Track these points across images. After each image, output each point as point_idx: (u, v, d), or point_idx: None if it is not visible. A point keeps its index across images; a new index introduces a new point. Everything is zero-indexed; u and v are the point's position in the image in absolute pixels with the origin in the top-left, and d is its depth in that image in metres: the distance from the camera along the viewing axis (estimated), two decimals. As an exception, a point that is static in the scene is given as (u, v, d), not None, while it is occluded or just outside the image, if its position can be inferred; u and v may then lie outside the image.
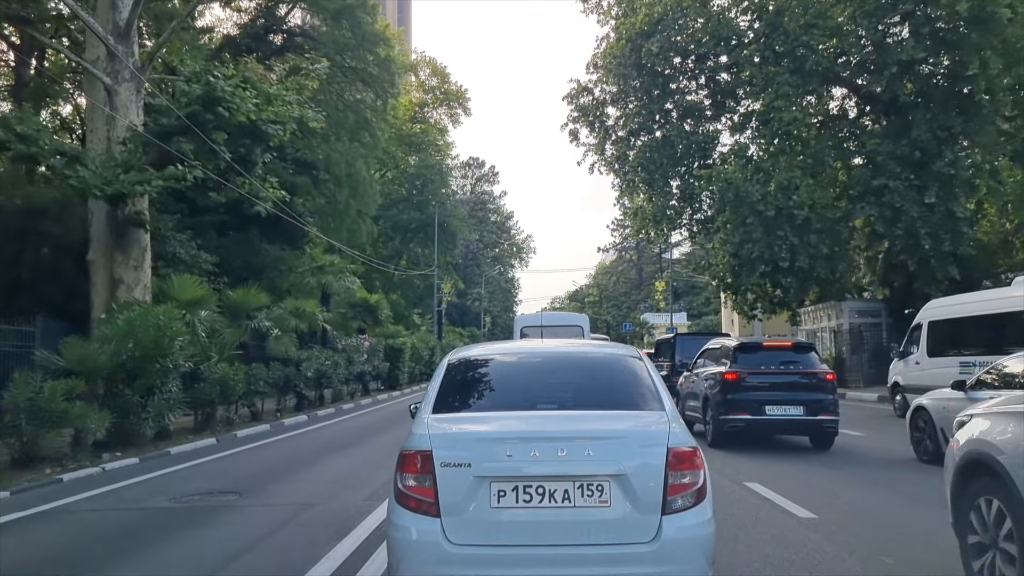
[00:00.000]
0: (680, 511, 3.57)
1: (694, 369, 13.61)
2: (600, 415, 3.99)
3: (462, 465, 3.58)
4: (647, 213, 29.25)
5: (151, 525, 6.94)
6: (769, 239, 24.19)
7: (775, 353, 12.00)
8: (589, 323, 29.50)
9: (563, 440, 3.64)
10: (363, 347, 23.60)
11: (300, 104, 18.83)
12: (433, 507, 3.57)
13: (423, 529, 3.57)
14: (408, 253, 50.42)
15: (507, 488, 3.54)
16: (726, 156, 27.27)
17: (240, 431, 14.33)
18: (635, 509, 3.53)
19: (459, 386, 4.43)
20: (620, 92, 28.62)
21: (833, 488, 8.25)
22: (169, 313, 11.51)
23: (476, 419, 4.13)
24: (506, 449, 3.62)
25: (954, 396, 8.96)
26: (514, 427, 3.87)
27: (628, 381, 4.32)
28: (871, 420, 16.72)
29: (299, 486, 8.69)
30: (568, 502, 3.53)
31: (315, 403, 20.67)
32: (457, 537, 3.52)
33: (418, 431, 3.86)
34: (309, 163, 27.51)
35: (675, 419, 3.91)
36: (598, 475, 3.55)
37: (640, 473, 3.57)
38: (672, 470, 3.59)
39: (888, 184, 23.21)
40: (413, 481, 3.66)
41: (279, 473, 9.82)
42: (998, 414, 4.44)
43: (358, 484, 8.66)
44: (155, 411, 11.17)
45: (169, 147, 15.74)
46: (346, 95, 30.68)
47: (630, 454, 3.63)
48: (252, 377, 14.95)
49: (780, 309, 28.60)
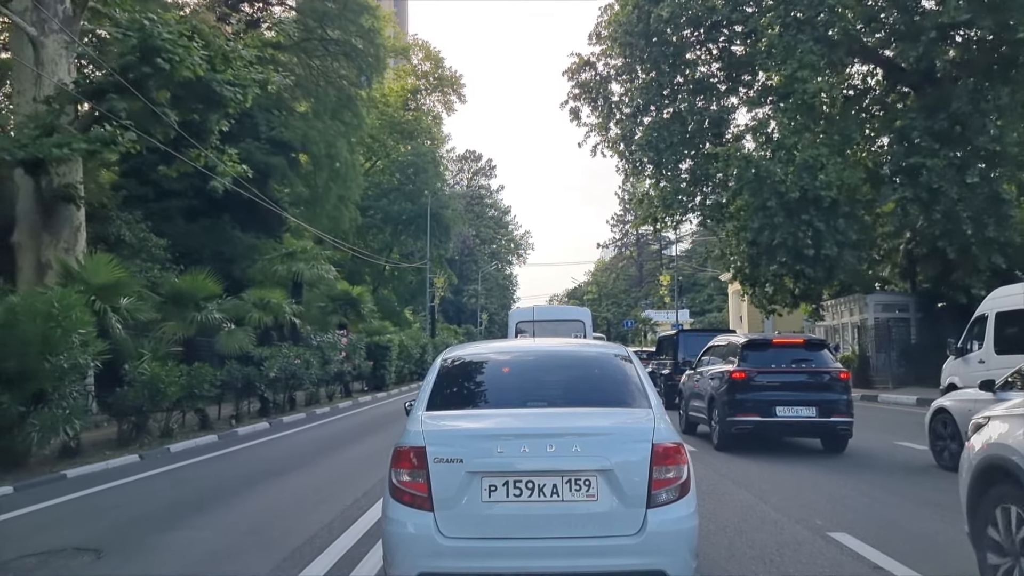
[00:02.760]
0: (664, 504, 3.64)
1: (698, 367, 12.75)
2: (588, 412, 4.07)
3: (454, 461, 3.65)
4: (655, 198, 26.82)
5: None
6: (792, 224, 21.81)
7: (786, 351, 11.23)
8: (591, 317, 27.03)
9: (552, 437, 3.71)
10: (340, 344, 21.15)
11: (264, 65, 16.43)
12: (427, 501, 3.63)
13: (417, 523, 3.62)
14: (399, 246, 47.89)
15: (498, 483, 3.62)
16: (742, 134, 24.84)
17: (177, 444, 11.90)
18: (621, 503, 3.61)
19: (452, 384, 4.48)
20: (626, 65, 26.18)
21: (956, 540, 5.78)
22: (66, 298, 9.04)
23: (468, 416, 4.18)
24: (497, 446, 3.70)
25: (981, 397, 8.02)
26: (505, 424, 3.94)
27: (616, 379, 4.39)
28: (920, 429, 14.34)
29: (202, 535, 6.25)
30: (557, 496, 3.61)
31: (283, 407, 18.24)
32: (450, 530, 3.59)
33: (412, 428, 3.92)
34: (285, 142, 25.08)
35: (661, 416, 3.95)
36: (585, 470, 3.63)
37: (626, 468, 3.65)
38: (657, 465, 3.66)
39: (925, 163, 20.82)
40: (407, 476, 3.72)
41: (187, 511, 7.38)
42: (1019, 416, 4.14)
43: (291, 530, 6.25)
44: (44, 424, 8.70)
45: (100, 107, 13.33)
46: (329, 72, 28.16)
47: (616, 450, 3.72)
48: (196, 379, 12.51)
49: (802, 302, 26.16)
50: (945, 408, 9.19)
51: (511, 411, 4.11)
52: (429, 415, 4.05)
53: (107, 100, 13.32)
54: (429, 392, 4.29)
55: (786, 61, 22.15)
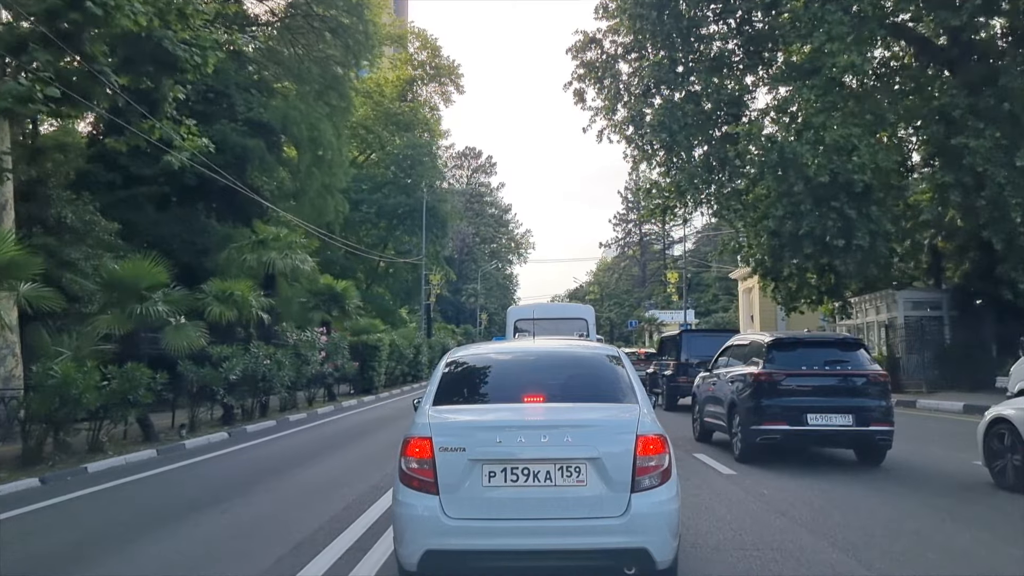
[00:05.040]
0: (647, 489, 3.98)
1: (715, 369, 11.69)
2: (579, 407, 4.46)
3: (458, 450, 4.00)
4: (665, 187, 24.73)
5: None
6: (820, 212, 19.72)
7: (817, 350, 10.08)
8: (594, 315, 24.99)
9: (546, 428, 4.10)
10: (320, 342, 19.04)
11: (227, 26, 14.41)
12: (433, 486, 3.98)
13: (425, 505, 3.96)
14: (394, 242, 45.73)
15: (497, 470, 3.98)
16: (762, 115, 22.68)
17: (100, 462, 9.83)
18: (608, 488, 3.96)
19: (456, 382, 4.86)
20: (635, 43, 24.07)
21: None
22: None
23: (470, 410, 4.56)
24: (497, 436, 4.06)
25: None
26: (504, 417, 4.32)
27: (607, 377, 4.75)
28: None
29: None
30: (550, 482, 3.96)
31: (251, 413, 16.18)
32: (454, 512, 3.95)
33: (420, 420, 4.28)
34: (264, 124, 22.97)
35: (647, 411, 4.32)
36: (576, 458, 3.98)
37: (612, 457, 3.99)
38: (640, 454, 4.00)
39: (968, 144, 18.68)
40: (416, 464, 4.05)
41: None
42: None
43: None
44: None
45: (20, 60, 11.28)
46: (314, 50, 26.03)
47: (604, 440, 4.07)
48: (129, 382, 10.43)
49: (828, 299, 24.05)
50: (1005, 418, 7.87)
51: (509, 406, 4.48)
52: (435, 409, 4.43)
53: (30, 52, 11.27)
54: (436, 389, 4.66)
55: (812, 34, 20.08)
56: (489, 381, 4.92)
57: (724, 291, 67.12)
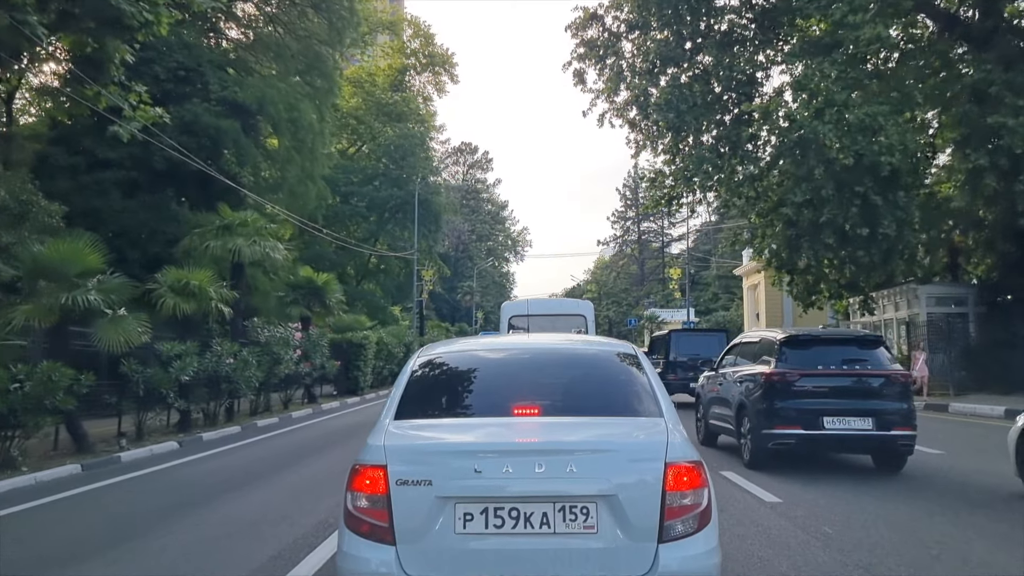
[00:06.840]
0: (680, 538, 3.00)
1: (720, 368, 11.10)
2: (586, 423, 3.43)
3: (421, 483, 3.01)
4: (672, 174, 23.04)
5: None
6: (843, 198, 18.08)
7: (833, 348, 9.41)
8: (593, 312, 23.43)
9: (542, 453, 3.08)
10: (294, 340, 17.33)
11: None
12: (388, 533, 3.00)
13: (378, 559, 3.00)
14: (386, 236, 44.02)
15: (475, 511, 3.00)
16: (778, 94, 21.01)
17: (7, 480, 8.13)
18: (627, 536, 2.99)
19: (427, 388, 3.81)
20: (640, 19, 22.39)
21: None
22: None
23: (442, 427, 3.52)
24: (474, 464, 3.04)
25: None
26: (485, 437, 3.32)
27: (620, 381, 3.79)
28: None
29: None
30: (547, 528, 2.99)
31: (213, 418, 14.49)
32: (415, 569, 2.98)
33: (373, 442, 3.23)
34: (239, 103, 21.24)
35: (675, 428, 3.29)
36: (583, 495, 3.01)
37: (632, 493, 3.01)
38: (671, 489, 3.01)
39: (1006, 123, 17.08)
40: (365, 502, 3.06)
41: None
42: None
43: None
44: None
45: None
46: (296, 27, 24.30)
47: (620, 470, 3.06)
48: (46, 385, 8.72)
49: (847, 293, 22.40)
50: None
51: (494, 420, 3.45)
52: (396, 425, 3.39)
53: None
54: (399, 398, 3.59)
55: (832, 5, 18.45)
56: (469, 387, 3.91)
57: (724, 289, 65.65)
